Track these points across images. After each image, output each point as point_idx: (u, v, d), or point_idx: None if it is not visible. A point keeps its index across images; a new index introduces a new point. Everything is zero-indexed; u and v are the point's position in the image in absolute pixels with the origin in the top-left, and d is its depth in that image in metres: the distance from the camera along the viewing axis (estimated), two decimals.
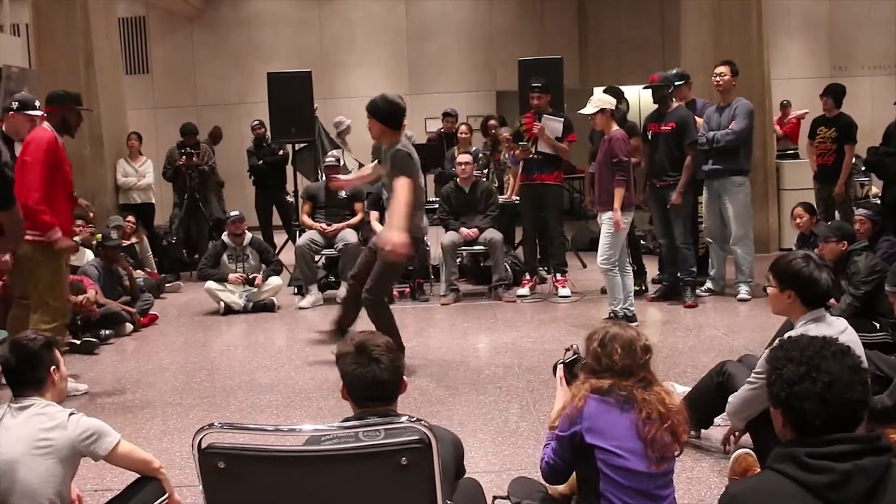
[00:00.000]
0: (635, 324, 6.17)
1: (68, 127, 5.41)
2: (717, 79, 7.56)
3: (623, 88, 8.18)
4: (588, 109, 6.70)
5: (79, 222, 7.84)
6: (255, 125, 10.63)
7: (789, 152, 11.76)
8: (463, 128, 9.55)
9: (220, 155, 11.28)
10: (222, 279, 8.07)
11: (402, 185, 5.20)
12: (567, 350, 3.29)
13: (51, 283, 5.21)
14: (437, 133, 10.48)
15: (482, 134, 10.09)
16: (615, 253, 6.62)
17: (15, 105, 5.41)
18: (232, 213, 8.33)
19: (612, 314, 6.59)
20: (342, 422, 2.38)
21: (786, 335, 3.24)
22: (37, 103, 5.49)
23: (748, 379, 3.61)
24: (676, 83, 7.63)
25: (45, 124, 5.28)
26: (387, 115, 5.39)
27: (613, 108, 6.70)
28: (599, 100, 6.72)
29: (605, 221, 6.60)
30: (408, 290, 8.32)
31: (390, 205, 5.39)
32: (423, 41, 15.38)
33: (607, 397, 2.76)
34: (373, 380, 2.49)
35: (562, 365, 3.25)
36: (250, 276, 8.09)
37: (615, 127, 6.68)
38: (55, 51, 9.74)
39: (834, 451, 1.98)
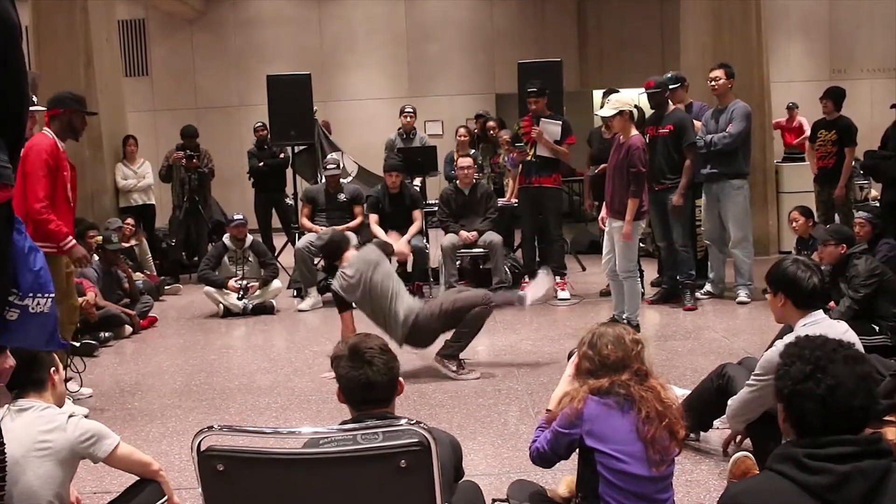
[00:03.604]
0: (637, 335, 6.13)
1: (73, 130, 5.25)
2: (713, 83, 7.55)
3: (623, 90, 8.16)
4: (606, 112, 6.42)
5: (91, 232, 7.85)
6: (257, 127, 10.65)
7: (797, 156, 11.67)
8: (462, 130, 9.57)
9: (219, 157, 11.27)
10: (221, 285, 8.06)
11: None
12: None
13: (61, 288, 4.92)
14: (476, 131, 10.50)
15: (479, 132, 10.12)
16: (634, 259, 6.57)
17: None
18: (235, 217, 8.29)
19: (616, 318, 6.44)
20: (341, 424, 2.38)
21: (802, 333, 3.25)
22: (34, 98, 5.40)
23: (747, 381, 3.61)
24: (672, 86, 7.62)
25: (46, 129, 5.12)
26: None
27: (633, 109, 6.41)
28: (618, 101, 6.38)
29: (617, 230, 6.39)
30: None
31: None
32: (423, 43, 15.39)
33: (607, 399, 2.75)
34: (367, 382, 2.49)
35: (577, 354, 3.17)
36: (247, 284, 8.09)
37: (634, 131, 6.38)
38: (55, 52, 9.74)
39: (833, 453, 1.99)
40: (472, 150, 9.53)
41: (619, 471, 2.69)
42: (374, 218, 8.45)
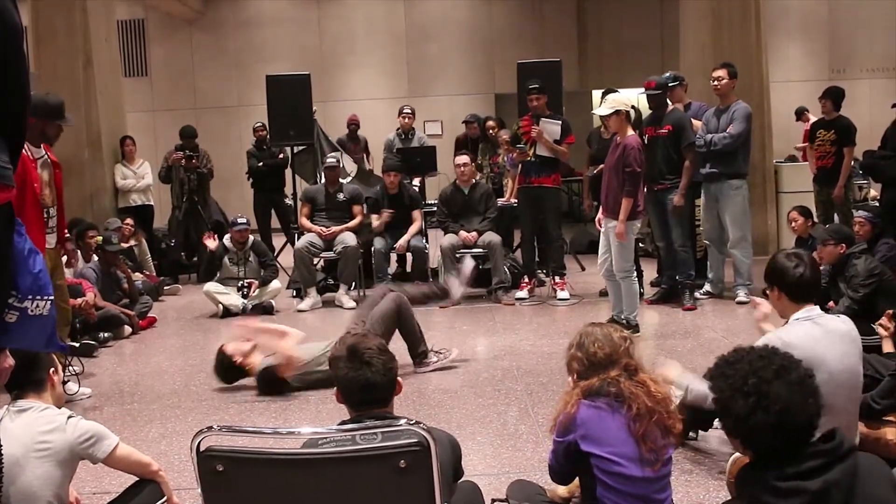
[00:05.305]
0: (637, 334, 6.14)
1: (47, 138, 5.13)
2: (716, 82, 7.55)
3: (622, 90, 8.15)
4: (602, 110, 6.49)
5: (90, 232, 7.85)
6: (257, 127, 10.66)
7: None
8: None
9: (219, 157, 11.27)
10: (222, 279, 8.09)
11: None
12: None
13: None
14: (463, 136, 10.54)
15: (478, 133, 10.13)
16: (630, 259, 6.56)
17: None
18: (238, 220, 8.25)
19: (615, 318, 6.43)
20: (340, 425, 2.38)
21: (794, 327, 3.24)
22: None
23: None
24: (671, 84, 7.62)
25: None
26: None
27: (629, 109, 6.45)
28: (615, 100, 6.43)
29: (613, 230, 6.38)
30: None
31: None
32: (423, 43, 15.40)
33: (598, 401, 2.74)
34: (365, 383, 2.48)
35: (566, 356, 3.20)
36: (247, 282, 8.09)
37: (630, 131, 6.43)
38: (54, 52, 9.74)
39: (802, 470, 1.97)
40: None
41: (614, 473, 2.68)
42: (375, 217, 8.47)
